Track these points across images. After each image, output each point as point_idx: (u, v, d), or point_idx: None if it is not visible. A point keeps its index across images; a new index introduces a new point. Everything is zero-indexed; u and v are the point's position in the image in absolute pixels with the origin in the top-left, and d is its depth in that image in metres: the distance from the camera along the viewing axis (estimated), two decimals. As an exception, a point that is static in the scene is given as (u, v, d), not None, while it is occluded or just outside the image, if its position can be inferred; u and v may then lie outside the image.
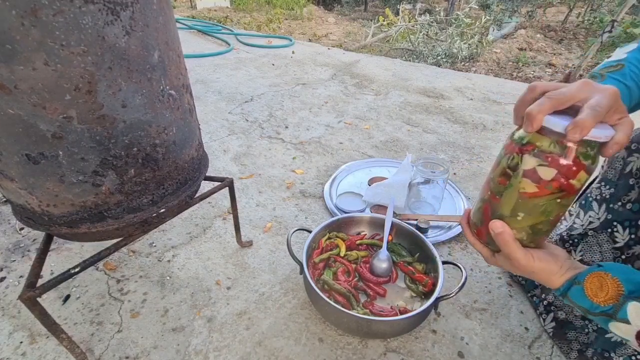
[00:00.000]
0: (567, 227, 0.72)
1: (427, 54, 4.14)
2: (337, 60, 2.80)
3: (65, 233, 0.61)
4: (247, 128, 1.70)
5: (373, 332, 0.74)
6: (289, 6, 7.16)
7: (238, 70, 2.49)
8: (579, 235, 0.68)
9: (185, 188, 0.72)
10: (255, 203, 1.20)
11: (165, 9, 0.58)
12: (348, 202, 1.17)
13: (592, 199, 0.69)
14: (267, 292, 0.90)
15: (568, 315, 0.74)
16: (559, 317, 0.76)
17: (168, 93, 0.61)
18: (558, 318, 0.76)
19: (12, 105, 0.47)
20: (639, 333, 0.42)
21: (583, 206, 0.71)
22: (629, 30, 3.76)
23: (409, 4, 6.51)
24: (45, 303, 0.78)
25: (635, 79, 0.55)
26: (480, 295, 0.90)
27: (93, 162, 0.55)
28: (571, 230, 0.69)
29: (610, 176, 0.66)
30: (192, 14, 6.00)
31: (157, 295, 0.88)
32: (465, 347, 0.78)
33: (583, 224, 0.68)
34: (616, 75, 0.55)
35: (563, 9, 6.25)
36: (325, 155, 1.50)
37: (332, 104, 2.00)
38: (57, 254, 0.99)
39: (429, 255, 0.84)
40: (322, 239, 0.90)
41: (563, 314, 0.75)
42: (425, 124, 1.80)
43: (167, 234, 1.06)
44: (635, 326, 0.42)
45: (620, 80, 0.54)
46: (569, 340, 0.71)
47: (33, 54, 0.44)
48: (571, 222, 0.72)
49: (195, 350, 0.76)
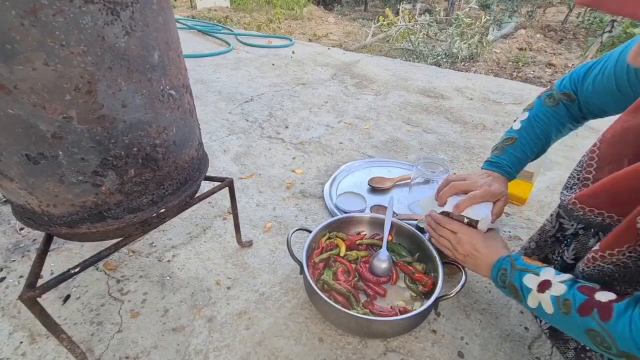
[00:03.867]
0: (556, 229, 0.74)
1: (427, 54, 4.14)
2: (337, 60, 2.80)
3: (65, 233, 0.61)
4: (247, 128, 1.70)
5: (373, 332, 0.74)
6: (289, 6, 7.16)
7: (238, 70, 2.49)
8: (571, 235, 0.70)
9: (185, 188, 0.72)
10: (255, 203, 1.20)
11: (165, 9, 0.58)
12: (348, 202, 1.17)
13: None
14: (267, 292, 0.90)
15: None
16: None
17: (168, 93, 0.61)
18: None
19: (12, 105, 0.47)
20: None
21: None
22: (629, 30, 3.76)
23: (409, 4, 6.51)
24: (45, 303, 0.78)
25: (525, 148, 0.77)
26: (480, 295, 0.90)
27: (93, 162, 0.55)
28: (563, 231, 0.71)
29: (561, 209, 0.70)
30: (192, 14, 6.01)
31: (157, 295, 0.88)
32: (465, 347, 0.78)
33: (573, 224, 0.69)
34: (510, 149, 0.78)
35: (563, 9, 6.25)
36: (325, 155, 1.50)
37: (332, 104, 2.00)
38: (57, 254, 0.99)
39: (429, 255, 0.85)
40: (322, 239, 0.90)
41: None
42: (425, 124, 1.80)
43: (167, 234, 1.06)
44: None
45: (512, 153, 0.77)
46: (565, 339, 0.72)
47: (33, 54, 0.44)
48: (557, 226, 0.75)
49: (195, 350, 0.76)
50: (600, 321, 0.49)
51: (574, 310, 0.51)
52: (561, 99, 0.75)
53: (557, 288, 0.55)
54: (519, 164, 0.78)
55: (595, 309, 0.50)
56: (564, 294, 0.53)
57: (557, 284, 0.55)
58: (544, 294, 0.56)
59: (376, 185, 1.25)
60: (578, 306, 0.51)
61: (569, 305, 0.52)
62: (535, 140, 0.77)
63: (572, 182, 0.65)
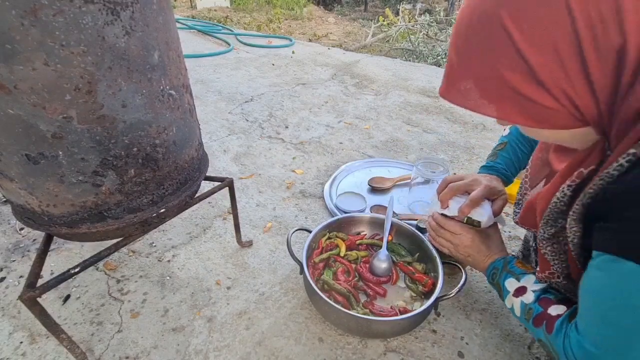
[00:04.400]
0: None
1: (427, 54, 4.14)
2: (337, 60, 2.80)
3: (65, 233, 0.61)
4: (247, 128, 1.70)
5: (373, 332, 0.74)
6: (289, 6, 7.16)
7: (238, 70, 2.49)
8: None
9: (185, 188, 0.72)
10: (255, 203, 1.20)
11: (165, 9, 0.58)
12: (348, 202, 1.17)
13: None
14: (267, 292, 0.90)
15: None
16: None
17: (168, 93, 0.61)
18: None
19: (12, 105, 0.47)
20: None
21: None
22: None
23: (409, 4, 6.51)
24: (45, 303, 0.78)
25: (516, 150, 0.81)
26: (480, 295, 0.90)
27: (93, 162, 0.55)
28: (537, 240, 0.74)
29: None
30: (192, 14, 6.01)
31: (157, 295, 0.88)
32: (465, 347, 0.78)
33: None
34: (502, 152, 0.83)
35: (563, 9, 6.24)
36: (325, 155, 1.50)
37: (332, 104, 2.00)
38: (57, 254, 0.99)
39: (429, 255, 0.84)
40: (322, 239, 0.90)
41: None
42: (425, 124, 1.80)
43: (167, 234, 1.06)
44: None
45: (505, 156, 0.82)
46: None
47: (33, 54, 0.44)
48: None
49: (195, 350, 0.76)
50: (547, 333, 0.52)
51: (531, 319, 0.56)
52: None
53: (528, 296, 0.59)
54: (513, 165, 0.82)
55: (545, 322, 0.53)
56: (530, 303, 0.58)
57: (530, 292, 0.59)
58: (517, 298, 0.60)
59: (376, 185, 1.25)
60: (534, 317, 0.55)
61: (530, 314, 0.57)
62: (524, 142, 0.81)
63: (520, 198, 0.70)
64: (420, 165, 1.08)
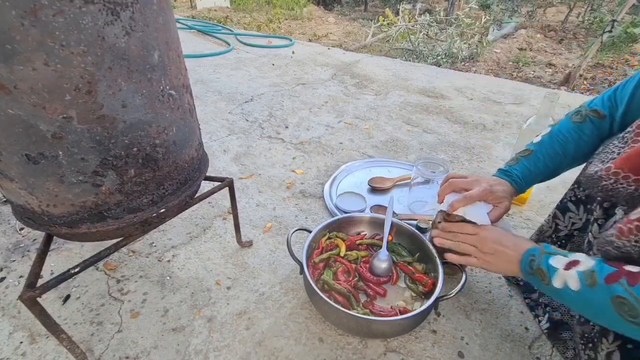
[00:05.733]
0: (553, 230, 0.75)
1: (427, 54, 4.14)
2: (337, 60, 2.80)
3: (65, 233, 0.61)
4: (247, 128, 1.70)
5: (373, 332, 0.74)
6: (289, 6, 7.16)
7: (238, 70, 2.49)
8: (565, 237, 0.70)
9: (185, 188, 0.72)
10: (255, 203, 1.20)
11: (165, 9, 0.58)
12: (348, 202, 1.17)
13: (567, 200, 0.71)
14: (267, 292, 0.90)
15: (564, 316, 0.75)
16: (554, 317, 0.77)
17: (168, 93, 0.61)
18: (553, 319, 0.77)
19: (12, 106, 0.47)
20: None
21: (560, 208, 0.73)
22: (629, 30, 3.76)
23: (409, 4, 6.51)
24: (45, 303, 0.78)
25: (539, 162, 0.75)
26: (480, 295, 0.90)
27: (93, 162, 0.55)
28: (557, 232, 0.72)
29: (583, 180, 0.68)
30: (192, 14, 6.00)
31: (157, 295, 0.88)
32: (465, 347, 0.78)
33: (567, 225, 0.70)
34: (525, 160, 0.77)
35: (563, 9, 6.25)
36: (325, 155, 1.50)
37: (332, 104, 2.00)
38: (57, 254, 0.99)
39: (429, 255, 0.84)
40: (322, 239, 0.90)
41: (559, 315, 0.76)
42: (425, 124, 1.80)
43: (167, 234, 1.06)
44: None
45: (525, 165, 0.76)
46: (563, 339, 0.72)
47: (33, 54, 0.44)
48: (553, 227, 0.75)
49: (195, 350, 0.76)
50: (628, 286, 0.47)
51: (601, 279, 0.50)
52: (588, 115, 0.72)
53: (585, 264, 0.53)
54: (530, 176, 0.76)
55: (623, 276, 0.48)
56: (591, 268, 0.52)
57: (584, 263, 0.54)
58: (570, 270, 0.54)
59: (376, 185, 1.25)
60: (605, 275, 0.50)
61: (594, 277, 0.51)
62: (552, 155, 0.74)
63: (610, 156, 0.60)
64: (420, 165, 1.08)
